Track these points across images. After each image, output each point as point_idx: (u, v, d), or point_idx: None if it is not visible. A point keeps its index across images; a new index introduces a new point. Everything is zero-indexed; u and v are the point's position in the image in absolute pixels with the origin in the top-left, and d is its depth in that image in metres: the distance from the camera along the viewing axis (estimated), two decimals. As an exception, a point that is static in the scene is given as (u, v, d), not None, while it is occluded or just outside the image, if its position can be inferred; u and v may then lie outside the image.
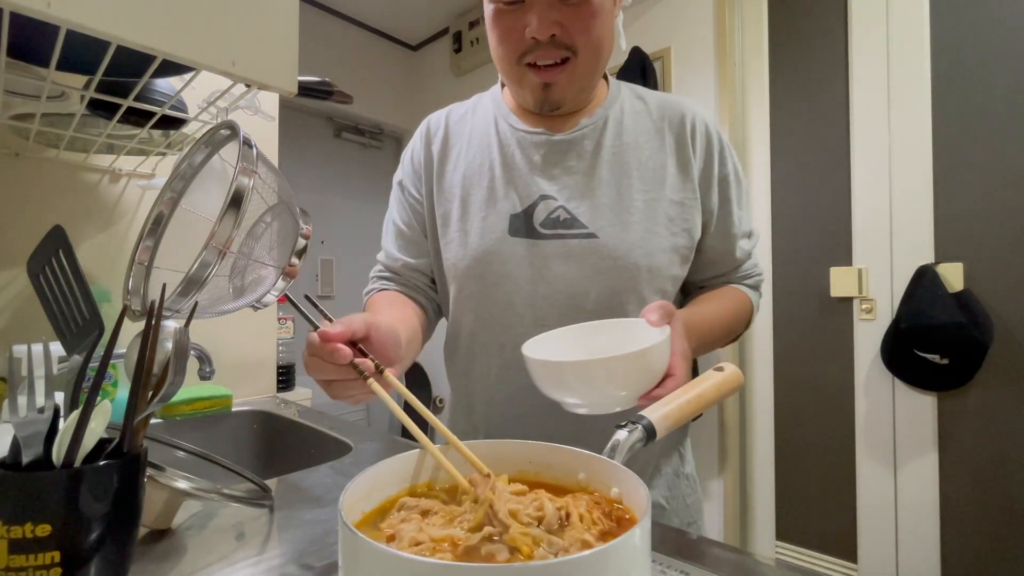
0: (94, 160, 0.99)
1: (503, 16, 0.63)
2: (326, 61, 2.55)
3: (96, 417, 0.38)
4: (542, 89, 0.65)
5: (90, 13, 0.44)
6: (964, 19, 1.41)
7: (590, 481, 0.38)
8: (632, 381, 0.49)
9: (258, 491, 0.57)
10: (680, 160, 0.68)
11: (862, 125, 1.57)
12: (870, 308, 1.56)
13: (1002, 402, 1.36)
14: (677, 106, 0.71)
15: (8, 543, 0.33)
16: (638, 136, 0.69)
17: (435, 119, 0.77)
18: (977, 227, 1.39)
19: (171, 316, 0.50)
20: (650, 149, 0.68)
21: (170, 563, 0.46)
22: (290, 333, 1.67)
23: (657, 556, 0.45)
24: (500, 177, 0.69)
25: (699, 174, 0.69)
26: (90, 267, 1.01)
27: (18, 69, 0.61)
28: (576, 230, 0.65)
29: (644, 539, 0.28)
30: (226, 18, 0.53)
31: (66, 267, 0.47)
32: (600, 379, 0.48)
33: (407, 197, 0.76)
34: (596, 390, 0.49)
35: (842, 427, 1.60)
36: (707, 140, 0.70)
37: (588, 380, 0.49)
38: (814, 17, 1.67)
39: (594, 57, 0.64)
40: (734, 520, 1.74)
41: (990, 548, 1.36)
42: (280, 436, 1.03)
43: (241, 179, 0.49)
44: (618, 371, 0.48)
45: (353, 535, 0.26)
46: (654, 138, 0.69)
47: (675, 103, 0.72)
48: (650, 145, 0.68)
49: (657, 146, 0.68)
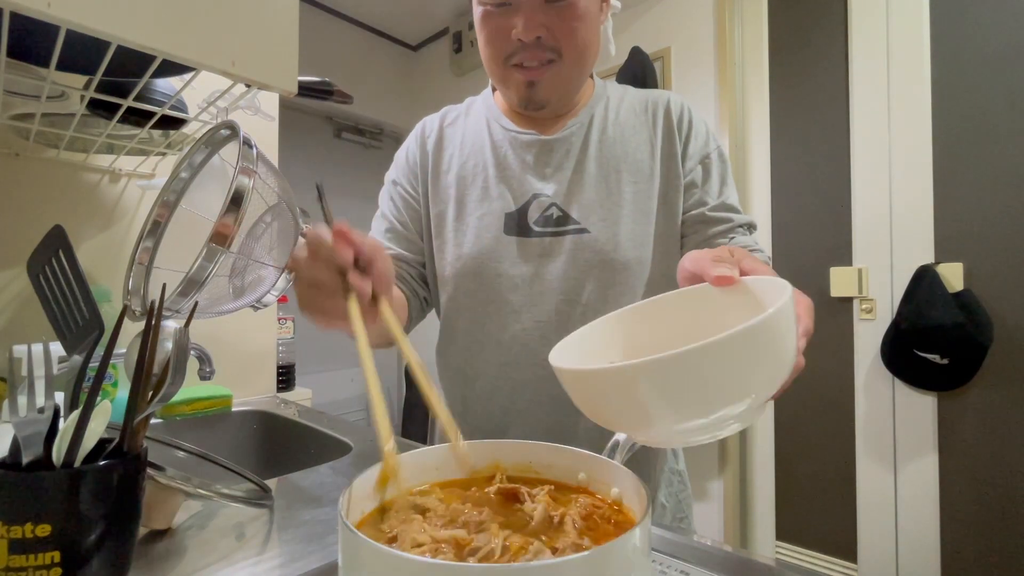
0: (94, 160, 0.99)
1: (491, 18, 0.64)
2: (326, 61, 2.55)
3: (96, 417, 0.38)
4: (526, 87, 0.66)
5: (90, 13, 0.44)
6: (964, 20, 1.41)
7: (590, 481, 0.38)
8: (761, 373, 0.29)
9: (258, 491, 0.56)
10: (666, 147, 0.69)
11: (862, 125, 1.57)
12: (870, 308, 1.56)
13: (1002, 402, 1.36)
14: (658, 96, 0.73)
15: (8, 543, 0.33)
16: (623, 130, 0.70)
17: (429, 121, 0.78)
18: (977, 227, 1.39)
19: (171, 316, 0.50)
20: (636, 141, 0.69)
21: (170, 563, 0.46)
22: (290, 333, 1.67)
23: (657, 556, 0.45)
24: (494, 177, 0.70)
25: (682, 155, 0.69)
26: (90, 267, 1.01)
27: (18, 69, 0.61)
28: (569, 226, 0.66)
29: (644, 539, 0.28)
30: (226, 18, 0.53)
31: (66, 267, 0.47)
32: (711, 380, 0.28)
33: (402, 194, 0.76)
34: (703, 400, 0.28)
35: (842, 427, 1.60)
36: (690, 124, 0.70)
37: (686, 386, 0.28)
38: (814, 17, 1.67)
39: (578, 60, 0.66)
40: (734, 520, 1.74)
41: (990, 548, 1.36)
42: (280, 436, 1.03)
43: (241, 179, 0.49)
44: (738, 360, 0.27)
45: (353, 535, 0.26)
46: (640, 130, 0.70)
47: (656, 94, 0.73)
48: (636, 137, 0.70)
49: (644, 137, 0.70)
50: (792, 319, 0.29)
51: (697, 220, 0.68)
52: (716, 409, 0.29)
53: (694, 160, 0.69)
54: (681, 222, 0.69)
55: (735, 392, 0.28)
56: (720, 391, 0.28)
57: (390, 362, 3.14)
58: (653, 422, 0.30)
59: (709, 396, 0.28)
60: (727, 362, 0.27)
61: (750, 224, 0.70)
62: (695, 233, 0.68)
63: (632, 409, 0.30)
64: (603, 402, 0.31)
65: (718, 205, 0.68)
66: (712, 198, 0.68)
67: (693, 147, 0.69)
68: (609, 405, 0.31)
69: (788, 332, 0.29)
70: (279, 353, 1.47)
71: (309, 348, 2.51)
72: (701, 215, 0.67)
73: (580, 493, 0.38)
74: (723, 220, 0.67)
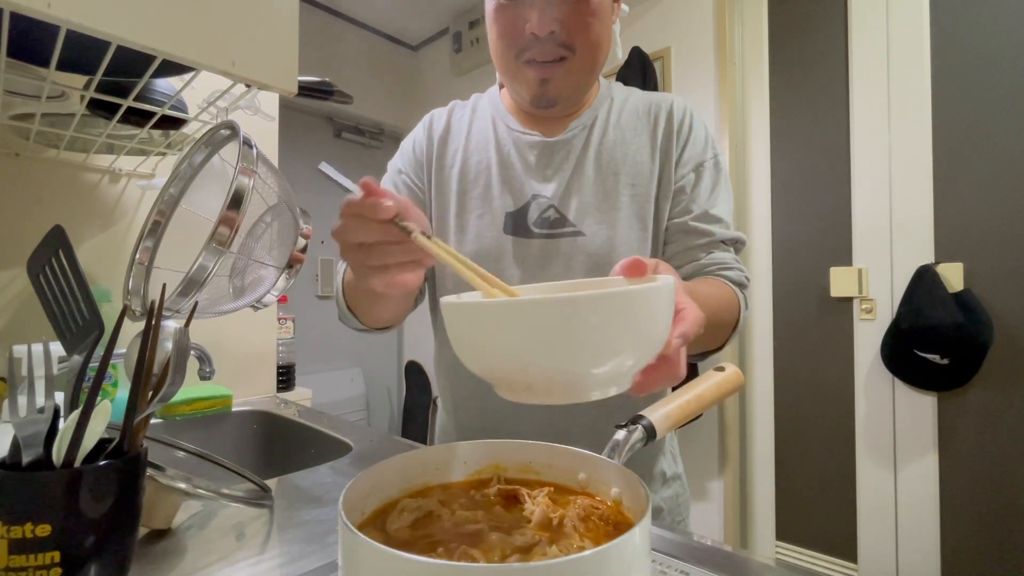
0: (94, 160, 0.99)
1: (504, 11, 0.64)
2: (326, 61, 2.55)
3: (96, 417, 0.38)
4: (539, 84, 0.65)
5: (90, 13, 0.44)
6: (964, 19, 1.41)
7: (590, 481, 0.38)
8: (635, 337, 0.31)
9: (258, 491, 0.57)
10: (665, 150, 0.69)
11: (862, 125, 1.57)
12: (870, 308, 1.56)
13: (1002, 402, 1.36)
14: (662, 99, 0.72)
15: (8, 543, 0.33)
16: (624, 132, 0.70)
17: (438, 113, 0.78)
18: (977, 227, 1.39)
19: (171, 316, 0.50)
20: (637, 144, 0.69)
21: (170, 563, 0.46)
22: (290, 333, 1.67)
23: (657, 556, 0.45)
24: (496, 176, 0.70)
25: (678, 159, 0.68)
26: (90, 267, 1.01)
27: (18, 69, 0.61)
28: (565, 228, 0.66)
29: (644, 539, 0.28)
30: (226, 18, 0.53)
31: (66, 267, 0.47)
32: (587, 330, 0.29)
33: (407, 183, 0.75)
34: (578, 350, 0.30)
35: (842, 427, 1.60)
36: (690, 129, 0.70)
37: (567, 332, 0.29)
38: (814, 17, 1.67)
39: (591, 57, 0.65)
40: (734, 520, 1.74)
41: (990, 548, 1.36)
42: (280, 436, 1.03)
43: (241, 179, 0.49)
44: (614, 316, 0.30)
45: (353, 535, 0.26)
46: (640, 132, 0.70)
47: (660, 96, 0.73)
48: (637, 140, 0.69)
49: (644, 140, 0.69)
50: (663, 307, 0.32)
51: (679, 229, 0.67)
52: (581, 361, 0.31)
53: (688, 166, 0.68)
54: (665, 228, 0.68)
55: (600, 350, 0.30)
56: (586, 344, 0.30)
57: (390, 361, 3.15)
58: (525, 363, 0.31)
59: (576, 345, 0.30)
60: (594, 317, 0.29)
61: (736, 239, 0.67)
62: (675, 242, 0.67)
63: (506, 347, 0.31)
64: (483, 339, 0.33)
65: (702, 215, 0.66)
66: (698, 207, 0.67)
67: (689, 152, 0.68)
68: (487, 342, 0.32)
69: (655, 313, 0.32)
70: (279, 353, 1.47)
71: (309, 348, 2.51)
72: (683, 224, 0.66)
73: (580, 495, 0.38)
74: (705, 232, 0.65)
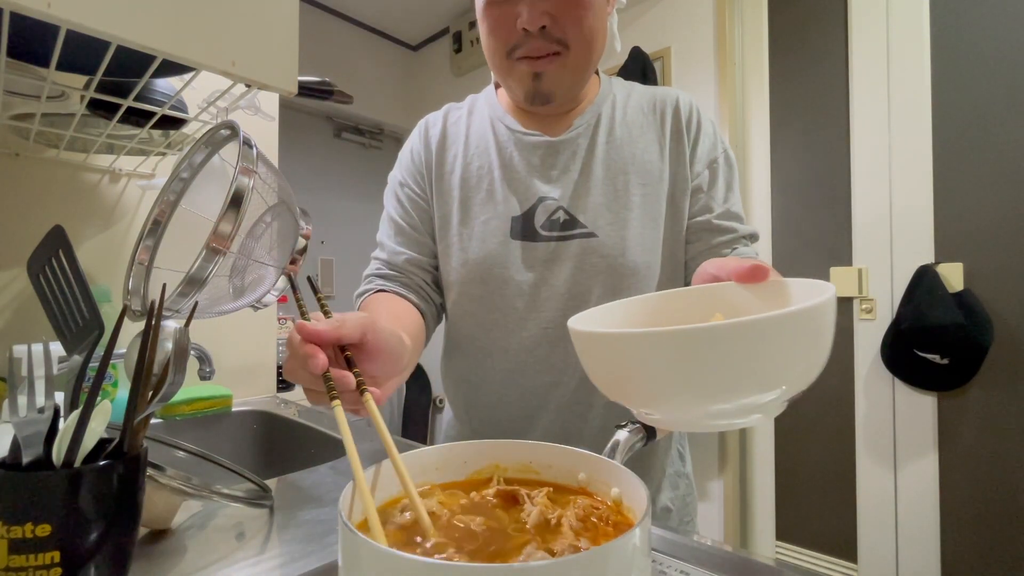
0: (94, 160, 0.99)
1: (493, 7, 0.62)
2: (326, 61, 2.55)
3: (96, 417, 0.38)
4: (532, 79, 0.63)
5: (90, 13, 0.44)
6: (964, 19, 1.41)
7: (590, 481, 0.38)
8: (799, 363, 0.27)
9: (258, 491, 0.56)
10: (674, 148, 0.68)
11: (862, 125, 1.57)
12: (870, 308, 1.56)
13: (1002, 402, 1.36)
14: (665, 94, 0.71)
15: (8, 543, 0.33)
16: (631, 130, 0.68)
17: (432, 118, 0.76)
18: (977, 227, 1.39)
19: (171, 316, 0.50)
20: (644, 142, 0.68)
21: (170, 563, 0.46)
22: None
23: (657, 556, 0.45)
24: (499, 179, 0.68)
25: (691, 158, 0.67)
26: (90, 267, 1.01)
27: (18, 69, 0.61)
28: (576, 230, 0.65)
29: (644, 539, 0.28)
30: (226, 18, 0.53)
31: (66, 267, 0.47)
32: (745, 360, 0.25)
33: (409, 195, 0.73)
34: (732, 381, 0.25)
35: (842, 427, 1.60)
36: (699, 126, 0.69)
37: (718, 362, 0.25)
38: (814, 17, 1.67)
39: (586, 52, 0.63)
40: (734, 520, 1.74)
41: (990, 548, 1.36)
42: (280, 436, 1.03)
43: (241, 179, 0.49)
44: (779, 343, 0.25)
45: (353, 535, 0.26)
46: (647, 130, 0.68)
47: (663, 91, 0.71)
48: (644, 138, 0.68)
49: (652, 138, 0.68)
50: (833, 317, 0.28)
51: (702, 227, 0.67)
52: (744, 393, 0.26)
53: (702, 163, 0.67)
54: (686, 227, 0.68)
55: (769, 378, 0.26)
56: (753, 374, 0.25)
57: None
58: (672, 398, 0.27)
59: (741, 377, 0.25)
60: (768, 343, 0.24)
61: (752, 235, 0.68)
62: (699, 241, 0.67)
63: (654, 380, 0.26)
64: (623, 371, 0.28)
65: (724, 213, 0.66)
66: (718, 205, 0.67)
67: (701, 149, 0.68)
68: (631, 374, 0.28)
69: (829, 328, 0.28)
70: (279, 353, 1.47)
71: (309, 348, 2.50)
72: (707, 222, 0.66)
73: (579, 495, 0.38)
74: (728, 230, 0.66)
